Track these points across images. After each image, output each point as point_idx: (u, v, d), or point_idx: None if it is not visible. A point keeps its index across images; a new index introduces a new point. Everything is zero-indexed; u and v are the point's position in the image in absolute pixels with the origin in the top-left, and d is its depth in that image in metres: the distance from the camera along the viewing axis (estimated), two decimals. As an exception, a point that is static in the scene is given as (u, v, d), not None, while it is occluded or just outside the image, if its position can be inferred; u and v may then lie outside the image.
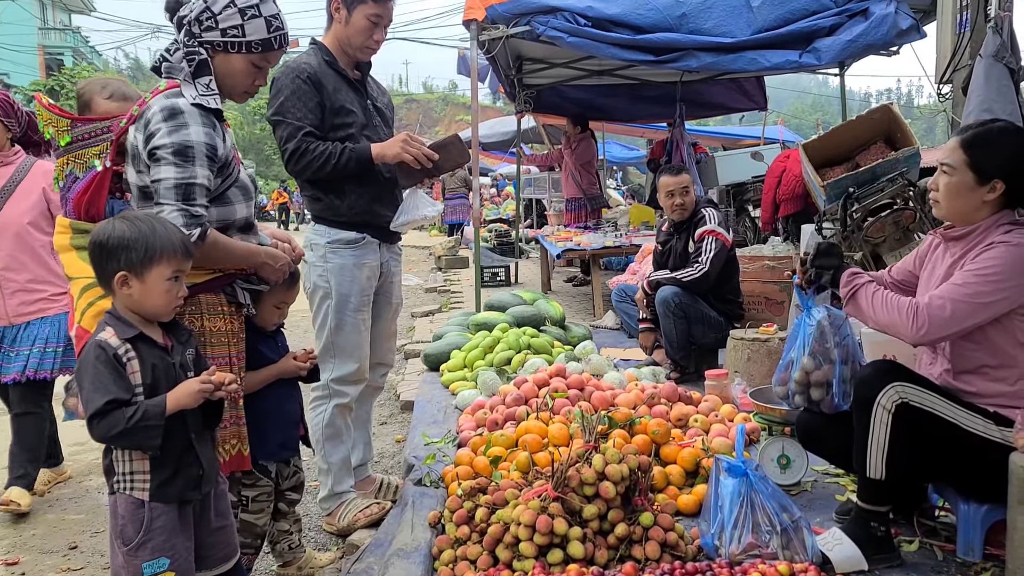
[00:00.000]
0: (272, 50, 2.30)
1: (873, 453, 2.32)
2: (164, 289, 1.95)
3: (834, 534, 2.40)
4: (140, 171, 2.18)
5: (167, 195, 2.10)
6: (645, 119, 11.29)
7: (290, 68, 2.96)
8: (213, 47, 2.23)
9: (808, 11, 6.03)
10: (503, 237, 12.81)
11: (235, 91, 2.34)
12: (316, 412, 3.11)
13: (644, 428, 3.16)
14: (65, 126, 2.20)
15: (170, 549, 1.97)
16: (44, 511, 3.73)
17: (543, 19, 6.21)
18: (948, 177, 2.40)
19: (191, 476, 2.01)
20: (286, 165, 2.98)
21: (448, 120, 56.20)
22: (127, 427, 1.85)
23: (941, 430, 2.30)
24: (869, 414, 2.31)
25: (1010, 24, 3.89)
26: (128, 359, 1.92)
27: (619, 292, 5.73)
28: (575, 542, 2.35)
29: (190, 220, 2.10)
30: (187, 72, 2.19)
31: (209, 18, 2.20)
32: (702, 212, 4.75)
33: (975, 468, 2.33)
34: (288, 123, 2.91)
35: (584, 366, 4.26)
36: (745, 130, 18.04)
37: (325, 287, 3.05)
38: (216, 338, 2.27)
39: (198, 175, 2.13)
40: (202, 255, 2.15)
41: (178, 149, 2.11)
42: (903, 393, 2.29)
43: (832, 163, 5.34)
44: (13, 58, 33.97)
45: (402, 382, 5.36)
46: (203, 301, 2.25)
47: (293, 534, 2.82)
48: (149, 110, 2.15)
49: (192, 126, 2.14)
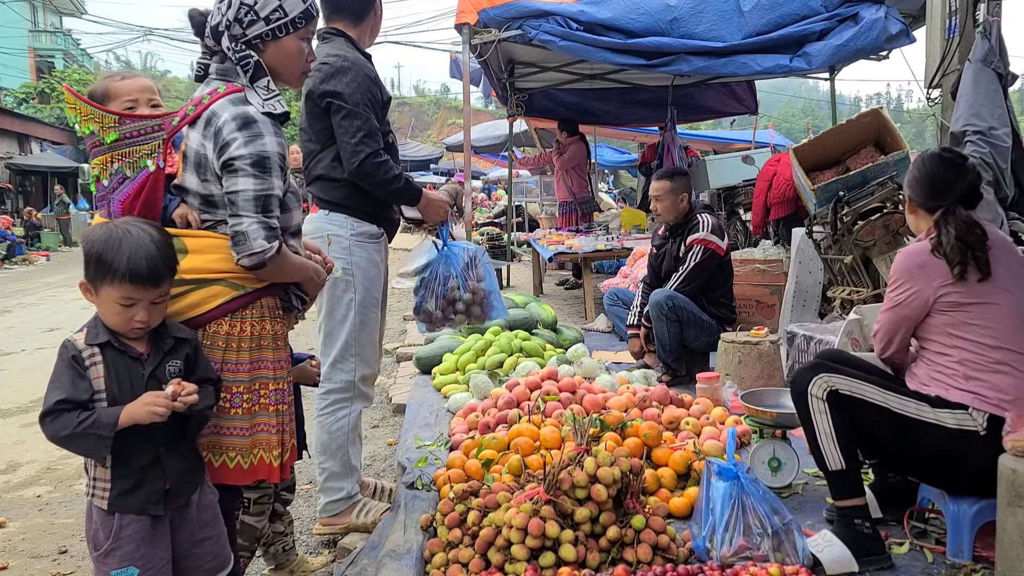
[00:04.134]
0: (312, 18, 2.24)
1: (825, 444, 2.46)
2: (114, 311, 1.89)
3: (824, 536, 2.42)
4: (206, 180, 2.11)
5: (247, 207, 2.05)
6: (636, 123, 11.32)
7: (348, 59, 2.90)
8: (262, 40, 2.17)
9: (799, 16, 6.08)
10: (495, 240, 12.82)
11: (294, 76, 2.29)
12: (340, 415, 3.01)
13: (636, 431, 3.16)
14: (112, 122, 2.06)
15: (140, 559, 1.92)
16: (34, 515, 3.71)
17: (535, 23, 6.23)
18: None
19: (154, 490, 1.93)
20: (352, 158, 2.86)
21: (440, 123, 56.13)
22: (75, 431, 1.80)
23: (876, 415, 2.44)
24: (807, 406, 2.48)
25: (998, 29, 3.91)
26: (92, 363, 1.87)
27: (611, 296, 5.74)
28: (567, 545, 2.35)
29: (270, 233, 2.06)
30: (244, 79, 2.13)
31: (248, 12, 2.13)
32: (697, 218, 4.75)
33: (918, 450, 2.43)
34: (366, 119, 2.84)
35: (576, 369, 4.26)
36: (736, 134, 18.11)
37: (349, 281, 2.95)
38: (275, 341, 2.21)
39: (275, 186, 2.09)
40: (272, 268, 2.11)
41: (256, 160, 2.05)
42: (830, 382, 2.46)
43: (822, 167, 5.37)
44: (3, 60, 33.75)
45: (394, 385, 5.35)
46: (265, 304, 2.19)
47: (287, 536, 2.81)
48: (218, 118, 2.07)
49: (267, 136, 2.08)
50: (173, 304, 2.05)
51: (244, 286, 2.12)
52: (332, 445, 3.02)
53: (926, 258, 2.45)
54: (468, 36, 6.52)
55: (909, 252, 2.53)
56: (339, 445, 3.01)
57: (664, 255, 4.93)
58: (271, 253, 2.06)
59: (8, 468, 4.43)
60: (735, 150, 12.89)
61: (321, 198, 2.99)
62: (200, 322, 2.08)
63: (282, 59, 2.22)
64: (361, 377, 3.03)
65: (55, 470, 4.31)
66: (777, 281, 5.64)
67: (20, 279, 15.15)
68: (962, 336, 2.42)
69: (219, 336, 2.10)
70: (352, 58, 2.92)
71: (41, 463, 4.45)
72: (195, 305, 2.07)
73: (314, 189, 3.02)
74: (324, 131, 2.94)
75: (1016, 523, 2.17)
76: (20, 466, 4.44)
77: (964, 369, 2.40)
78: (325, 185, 2.98)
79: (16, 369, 6.93)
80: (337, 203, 2.96)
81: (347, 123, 2.85)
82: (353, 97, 2.85)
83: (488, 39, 6.51)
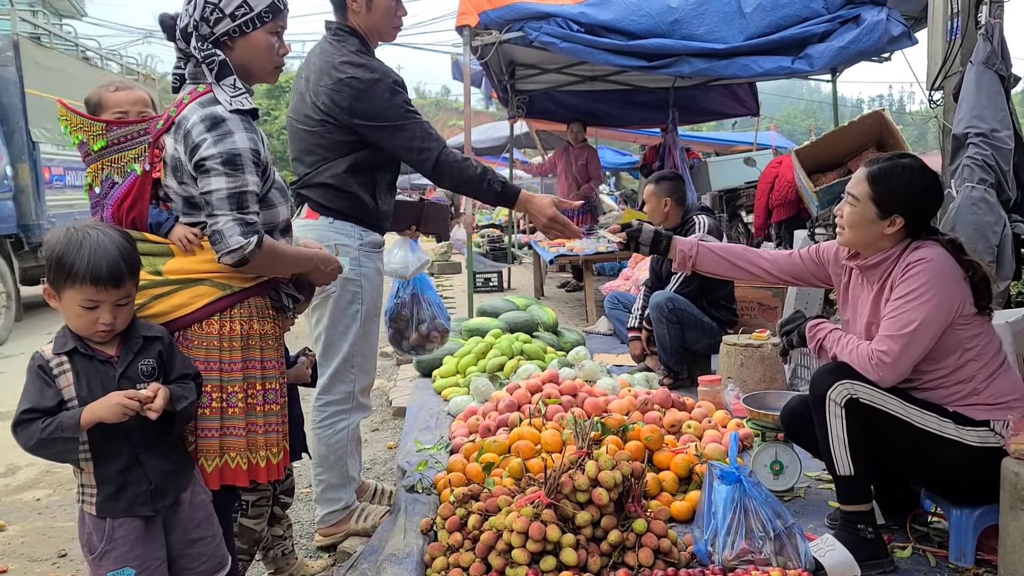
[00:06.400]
0: (280, 12, 2.23)
1: (837, 449, 2.40)
2: (76, 314, 1.88)
3: (826, 540, 2.41)
4: (183, 182, 2.12)
5: (221, 206, 2.05)
6: (638, 124, 11.32)
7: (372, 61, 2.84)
8: (229, 37, 2.17)
9: (800, 17, 6.06)
10: (496, 243, 12.82)
11: (266, 71, 2.28)
12: (339, 428, 2.96)
13: (637, 434, 3.15)
14: (99, 130, 2.13)
15: (135, 559, 1.92)
16: (33, 518, 3.71)
17: (536, 25, 6.22)
18: (852, 208, 2.50)
19: (139, 492, 1.93)
20: (431, 168, 2.83)
21: (441, 125, 56.16)
22: (42, 438, 1.80)
23: (895, 427, 2.38)
24: (824, 411, 2.41)
25: (1000, 31, 3.90)
26: (60, 372, 1.87)
27: (612, 298, 5.73)
28: (568, 549, 2.34)
29: (246, 228, 2.06)
30: (211, 76, 2.14)
31: (213, 10, 2.14)
32: (693, 220, 4.75)
33: (937, 465, 2.39)
34: (420, 122, 2.80)
35: (577, 372, 4.25)
36: (738, 136, 18.11)
37: (356, 292, 2.89)
38: (266, 342, 2.21)
39: (249, 182, 2.09)
40: (259, 263, 2.11)
41: (227, 159, 2.05)
42: (851, 389, 2.38)
43: (824, 169, 5.37)
44: (3, 62, 33.82)
45: (394, 388, 5.34)
46: (253, 304, 2.19)
47: (287, 539, 2.80)
48: (187, 120, 2.08)
49: (236, 133, 2.08)
50: (159, 304, 2.06)
51: (231, 285, 2.13)
52: (331, 458, 2.98)
53: (953, 265, 2.39)
54: (469, 38, 6.52)
55: (939, 259, 2.39)
56: (337, 457, 2.98)
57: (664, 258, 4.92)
58: (250, 248, 2.06)
59: (8, 471, 4.43)
60: (737, 152, 12.90)
61: (324, 205, 2.88)
62: (186, 322, 2.09)
63: (252, 55, 2.22)
64: (360, 388, 3.01)
65: (54, 473, 4.30)
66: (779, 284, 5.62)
67: (21, 281, 15.13)
68: (974, 347, 2.38)
69: (212, 336, 2.10)
70: (371, 58, 2.87)
71: (41, 466, 4.44)
72: (181, 305, 2.08)
73: (314, 194, 2.89)
74: (346, 144, 2.84)
75: (1019, 526, 2.16)
76: (19, 469, 4.44)
77: (977, 384, 2.38)
78: (330, 193, 2.86)
79: (16, 372, 6.92)
80: (341, 211, 2.87)
81: (406, 133, 2.80)
82: (404, 99, 2.82)
83: (489, 41, 6.50)
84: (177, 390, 1.95)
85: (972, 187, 3.72)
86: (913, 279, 2.37)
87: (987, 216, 3.69)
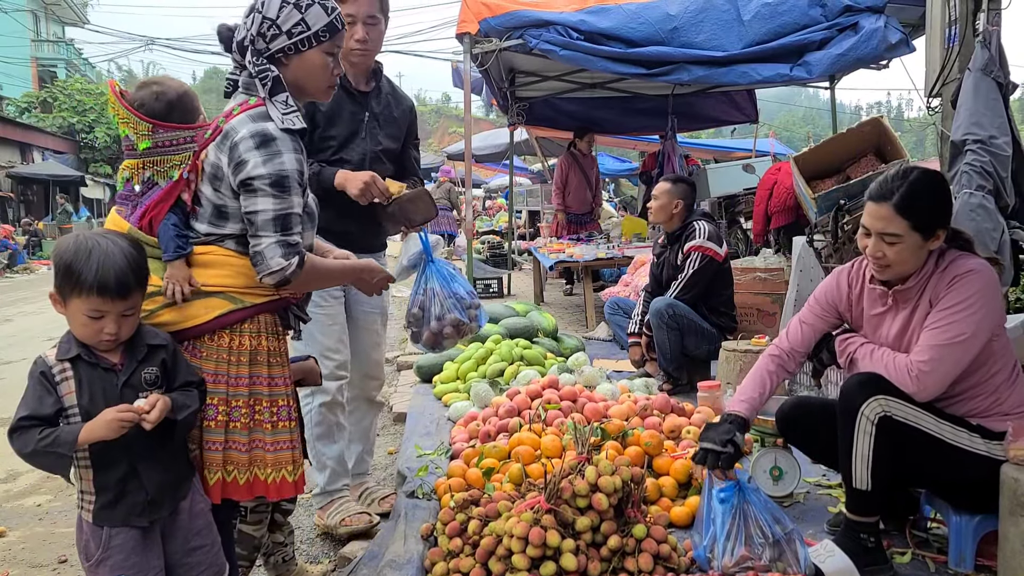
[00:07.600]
0: (337, 31, 2.21)
1: (858, 464, 2.35)
2: (81, 323, 1.88)
3: (826, 546, 2.40)
4: (219, 191, 2.10)
5: (266, 227, 2.04)
6: (637, 131, 11.34)
7: None
8: (285, 54, 2.16)
9: (799, 25, 6.09)
10: (496, 249, 12.83)
11: (319, 90, 2.27)
12: (304, 414, 3.01)
13: (637, 440, 3.16)
14: (146, 130, 2.08)
15: (131, 568, 1.92)
16: (34, 524, 3.71)
17: (536, 32, 6.25)
18: (893, 246, 2.39)
19: (136, 502, 1.93)
20: None
21: (441, 132, 56.27)
22: (36, 448, 1.80)
23: (925, 443, 2.33)
24: (853, 424, 2.34)
25: (998, 38, 3.91)
26: (63, 379, 1.87)
27: (612, 304, 5.74)
28: (568, 554, 2.34)
29: (288, 250, 2.05)
30: (264, 92, 2.12)
31: (270, 27, 2.13)
32: (693, 225, 4.76)
33: (962, 480, 2.36)
34: None
35: (577, 378, 4.26)
36: (737, 142, 18.13)
37: None
38: (274, 358, 2.20)
39: (294, 204, 2.08)
40: (300, 282, 2.11)
41: (275, 180, 2.04)
42: (886, 406, 2.32)
43: (823, 175, 5.37)
44: (6, 70, 33.89)
45: (395, 394, 5.34)
46: (262, 320, 2.18)
47: (287, 546, 2.80)
48: (236, 132, 2.07)
49: (285, 154, 2.07)
50: (169, 313, 2.06)
51: (243, 300, 2.12)
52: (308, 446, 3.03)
53: (996, 275, 2.38)
54: (469, 45, 6.55)
55: (985, 271, 2.36)
56: (308, 441, 3.01)
57: (664, 263, 4.94)
58: (291, 270, 2.06)
59: (8, 477, 4.43)
60: (736, 159, 12.89)
61: None
62: (196, 333, 2.09)
63: (306, 73, 2.21)
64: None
65: (55, 479, 4.28)
66: (778, 290, 5.64)
67: (21, 288, 15.17)
68: (1001, 357, 2.38)
69: (223, 349, 2.10)
70: None
71: (41, 472, 4.41)
72: (192, 316, 2.07)
73: None
74: None
75: (1018, 532, 2.16)
76: (20, 475, 4.44)
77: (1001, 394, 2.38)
78: None
79: (17, 378, 6.92)
80: None
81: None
82: None
83: (489, 48, 6.53)
84: (179, 398, 1.95)
85: (970, 193, 3.73)
86: (961, 290, 2.32)
87: (985, 222, 3.69)
